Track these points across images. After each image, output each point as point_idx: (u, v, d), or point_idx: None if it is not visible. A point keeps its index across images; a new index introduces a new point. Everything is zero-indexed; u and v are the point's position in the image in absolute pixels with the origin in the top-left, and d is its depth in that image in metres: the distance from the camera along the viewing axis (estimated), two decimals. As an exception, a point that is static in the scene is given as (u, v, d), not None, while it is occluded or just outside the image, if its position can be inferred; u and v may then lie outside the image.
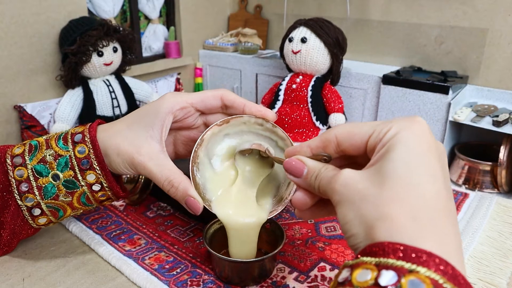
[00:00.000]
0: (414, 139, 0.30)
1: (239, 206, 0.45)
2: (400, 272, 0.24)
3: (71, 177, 0.45)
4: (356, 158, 0.35)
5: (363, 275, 0.25)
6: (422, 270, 0.24)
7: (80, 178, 0.45)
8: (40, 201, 0.45)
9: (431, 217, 0.27)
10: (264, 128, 0.47)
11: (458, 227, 0.29)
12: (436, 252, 0.25)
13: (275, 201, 0.47)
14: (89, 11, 0.87)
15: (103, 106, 0.81)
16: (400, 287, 0.24)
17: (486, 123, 0.70)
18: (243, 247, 0.46)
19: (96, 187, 0.46)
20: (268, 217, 0.45)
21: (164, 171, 0.43)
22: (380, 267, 0.25)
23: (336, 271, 0.48)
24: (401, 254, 0.25)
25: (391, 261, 0.25)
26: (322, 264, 0.49)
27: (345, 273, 0.27)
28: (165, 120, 0.45)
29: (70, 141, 0.46)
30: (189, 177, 0.44)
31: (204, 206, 0.43)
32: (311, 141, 0.37)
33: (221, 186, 0.47)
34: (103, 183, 0.46)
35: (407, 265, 0.25)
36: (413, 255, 0.25)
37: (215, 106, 0.47)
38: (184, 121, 0.48)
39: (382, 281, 0.24)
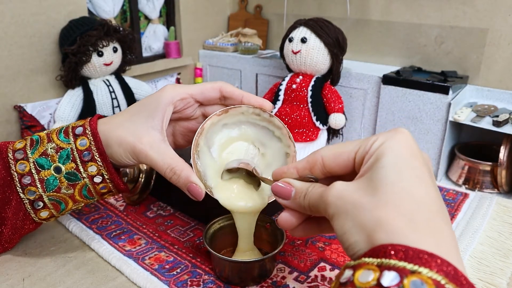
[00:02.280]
0: (399, 146, 0.31)
1: (240, 192, 0.46)
2: (402, 273, 0.25)
3: (72, 169, 0.45)
4: (342, 178, 0.35)
5: (365, 276, 0.26)
6: (424, 270, 0.24)
7: (81, 170, 0.45)
8: (42, 193, 0.45)
9: (427, 219, 0.28)
10: (261, 118, 0.48)
11: (451, 226, 0.30)
12: (436, 252, 0.25)
13: None
14: (89, 11, 0.87)
15: (103, 106, 0.81)
16: (403, 287, 0.24)
17: (486, 123, 0.70)
18: (246, 232, 0.47)
19: (97, 179, 0.46)
20: (269, 202, 0.46)
21: (166, 159, 0.44)
22: (382, 268, 0.25)
23: (336, 271, 0.48)
24: (402, 255, 0.25)
25: (393, 262, 0.25)
26: (322, 264, 0.49)
27: (347, 274, 0.27)
28: (166, 111, 0.45)
29: (71, 134, 0.46)
30: (190, 165, 0.44)
31: (206, 192, 0.43)
32: (297, 162, 0.38)
33: (220, 174, 0.47)
34: (104, 175, 0.46)
35: (409, 266, 0.25)
36: (415, 256, 0.25)
37: (214, 97, 0.48)
38: (184, 112, 0.48)
39: (384, 282, 0.24)
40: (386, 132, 0.33)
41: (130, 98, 0.86)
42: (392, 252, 0.26)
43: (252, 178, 0.47)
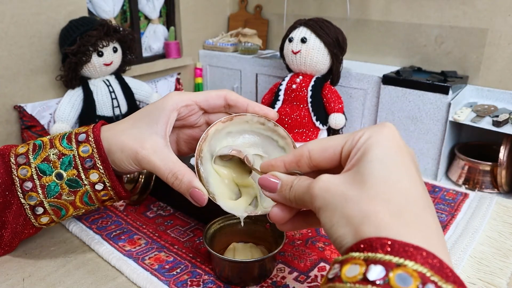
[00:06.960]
0: (386, 141, 0.31)
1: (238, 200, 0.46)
2: (388, 267, 0.25)
3: (74, 176, 0.45)
4: (328, 172, 0.35)
5: (352, 270, 0.26)
6: (409, 263, 0.25)
7: (83, 177, 0.45)
8: (43, 199, 0.45)
9: (414, 212, 0.28)
10: (265, 127, 0.47)
11: (438, 219, 0.30)
12: (422, 245, 0.26)
13: None
14: (89, 11, 0.87)
15: (103, 106, 0.81)
16: (388, 281, 0.24)
17: (486, 123, 0.70)
18: None
19: (99, 187, 0.46)
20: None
21: (168, 164, 0.44)
22: (368, 262, 0.26)
23: (336, 271, 0.48)
24: (389, 249, 0.26)
25: (379, 255, 0.25)
26: (322, 264, 0.49)
27: (335, 269, 0.28)
28: (170, 117, 0.45)
29: (74, 140, 0.46)
30: (193, 171, 0.44)
31: (208, 198, 0.43)
32: (284, 156, 0.38)
33: (221, 181, 0.47)
34: (106, 183, 0.46)
35: (395, 259, 0.25)
36: (401, 249, 0.25)
37: (218, 105, 0.48)
38: (188, 119, 0.48)
39: (371, 276, 0.25)
40: (372, 126, 0.33)
41: (130, 98, 0.86)
42: (378, 246, 0.26)
43: (243, 167, 0.47)
